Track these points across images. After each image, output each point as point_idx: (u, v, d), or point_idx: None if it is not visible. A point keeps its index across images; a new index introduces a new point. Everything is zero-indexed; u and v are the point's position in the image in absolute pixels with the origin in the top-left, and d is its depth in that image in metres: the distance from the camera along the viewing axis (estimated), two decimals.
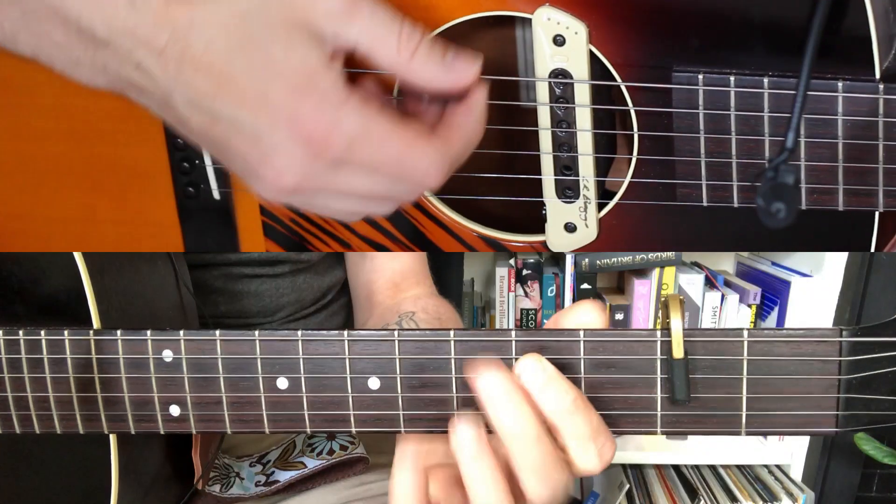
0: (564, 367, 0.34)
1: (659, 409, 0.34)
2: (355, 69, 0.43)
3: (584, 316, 0.35)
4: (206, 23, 0.38)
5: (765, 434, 0.34)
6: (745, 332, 0.33)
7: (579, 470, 0.33)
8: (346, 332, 0.35)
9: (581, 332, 0.34)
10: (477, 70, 0.43)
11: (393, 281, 0.63)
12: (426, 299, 0.61)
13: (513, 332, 0.34)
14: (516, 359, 0.34)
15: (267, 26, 0.39)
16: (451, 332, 0.34)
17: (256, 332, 0.35)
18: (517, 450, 0.33)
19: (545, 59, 0.45)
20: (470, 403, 0.35)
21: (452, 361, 0.34)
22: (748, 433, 0.33)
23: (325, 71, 0.39)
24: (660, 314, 0.34)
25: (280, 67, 0.39)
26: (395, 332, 0.34)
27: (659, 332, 0.33)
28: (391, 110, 0.41)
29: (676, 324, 0.32)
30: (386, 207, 0.43)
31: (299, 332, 0.35)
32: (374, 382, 0.35)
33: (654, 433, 0.34)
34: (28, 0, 0.39)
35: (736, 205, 0.46)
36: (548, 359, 0.34)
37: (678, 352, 0.32)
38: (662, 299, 0.33)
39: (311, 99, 0.38)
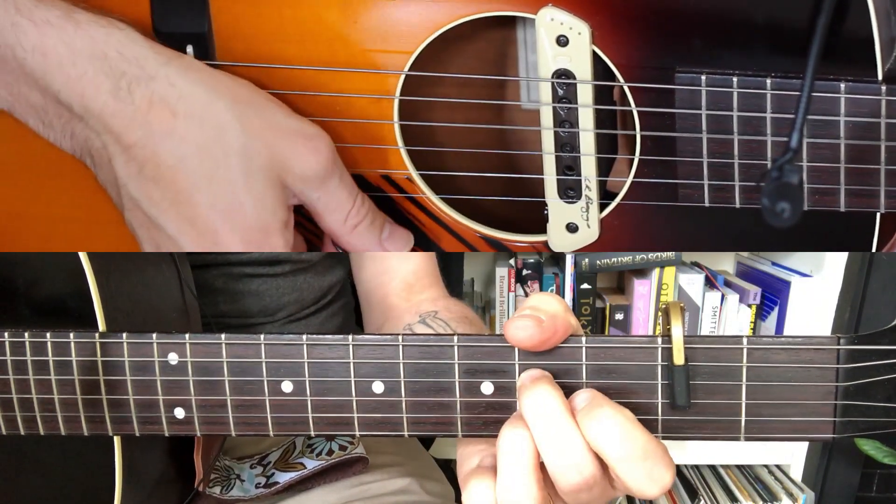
0: (566, 373, 0.34)
1: (660, 414, 0.34)
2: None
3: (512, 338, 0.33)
4: (184, 139, 0.39)
5: (763, 440, 0.34)
6: (745, 340, 0.33)
7: (633, 492, 0.31)
8: (350, 337, 0.35)
9: (583, 339, 0.34)
10: (407, 250, 0.47)
11: (406, 282, 0.63)
12: (444, 300, 0.61)
13: None
14: (519, 364, 0.34)
15: (247, 171, 0.40)
16: (455, 337, 0.34)
17: (262, 336, 0.35)
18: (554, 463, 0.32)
19: (548, 59, 0.45)
20: (473, 408, 0.35)
21: (456, 366, 0.34)
22: (747, 439, 0.34)
23: (279, 235, 0.41)
24: (660, 321, 0.34)
25: (242, 217, 0.40)
26: (400, 337, 0.35)
27: (660, 339, 0.33)
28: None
29: (677, 330, 0.32)
30: None
31: (304, 337, 0.35)
32: (378, 386, 0.35)
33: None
34: (9, 66, 0.39)
35: (738, 205, 0.46)
36: (549, 364, 0.34)
37: (679, 358, 0.33)
38: (663, 306, 0.33)
39: None
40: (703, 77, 0.44)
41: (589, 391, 0.33)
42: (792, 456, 1.28)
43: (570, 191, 0.48)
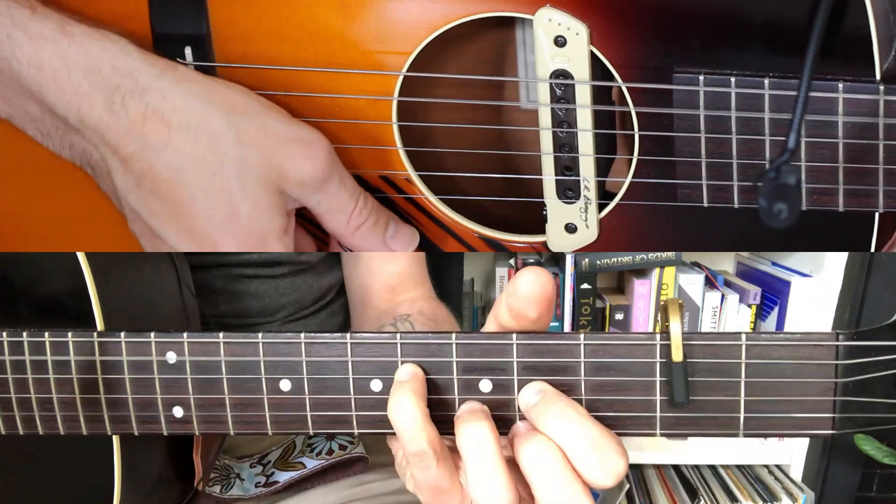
0: (565, 370, 0.34)
1: (658, 411, 0.34)
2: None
3: (526, 284, 0.32)
4: (179, 151, 0.39)
5: (762, 436, 0.34)
6: (744, 336, 0.33)
7: (591, 483, 0.32)
8: (348, 335, 0.35)
9: (581, 336, 0.34)
10: (413, 248, 0.47)
11: (390, 284, 0.63)
12: (422, 302, 0.61)
13: (514, 336, 0.34)
14: (518, 362, 0.34)
15: (242, 179, 0.40)
16: (453, 335, 0.34)
17: (260, 335, 0.35)
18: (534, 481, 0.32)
19: (546, 59, 0.45)
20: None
21: (454, 364, 0.34)
22: (746, 435, 0.34)
23: (277, 241, 0.41)
24: (659, 318, 0.34)
25: (240, 224, 0.40)
26: (398, 335, 0.35)
27: (658, 336, 0.33)
28: None
29: (676, 327, 0.32)
30: None
31: (302, 335, 0.35)
32: (376, 384, 0.35)
33: (654, 435, 0.34)
34: (5, 77, 0.40)
35: (736, 205, 0.46)
36: (548, 361, 0.34)
37: (677, 355, 0.33)
38: (662, 303, 0.33)
39: None
40: (701, 77, 0.44)
41: (537, 384, 0.34)
42: (792, 456, 1.28)
43: (568, 191, 0.48)
